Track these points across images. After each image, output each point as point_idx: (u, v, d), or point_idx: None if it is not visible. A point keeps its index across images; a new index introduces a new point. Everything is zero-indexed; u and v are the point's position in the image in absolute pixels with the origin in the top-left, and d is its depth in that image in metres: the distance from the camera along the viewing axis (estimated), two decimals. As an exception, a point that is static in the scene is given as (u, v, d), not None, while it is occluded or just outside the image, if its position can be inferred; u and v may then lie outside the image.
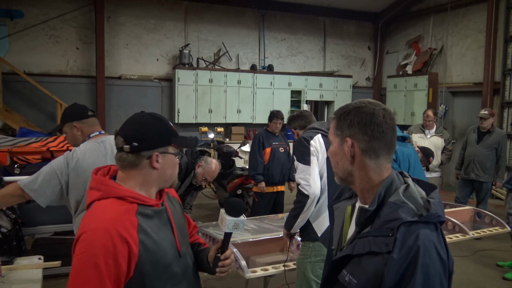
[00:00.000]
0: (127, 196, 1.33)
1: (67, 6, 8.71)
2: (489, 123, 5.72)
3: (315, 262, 2.73)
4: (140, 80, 9.39)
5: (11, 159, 4.51)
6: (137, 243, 1.26)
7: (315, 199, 2.67)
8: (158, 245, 1.33)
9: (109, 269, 1.20)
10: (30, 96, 8.48)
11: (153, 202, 1.39)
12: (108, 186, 1.36)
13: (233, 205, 1.48)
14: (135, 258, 1.26)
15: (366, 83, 12.01)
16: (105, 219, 1.26)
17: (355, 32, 11.68)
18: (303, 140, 2.79)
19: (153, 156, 1.37)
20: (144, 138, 1.36)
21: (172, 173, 1.44)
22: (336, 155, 1.29)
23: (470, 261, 5.02)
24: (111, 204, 1.31)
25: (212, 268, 1.54)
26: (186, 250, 1.50)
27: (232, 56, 10.28)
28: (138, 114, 1.45)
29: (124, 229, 1.25)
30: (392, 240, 1.10)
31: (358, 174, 1.25)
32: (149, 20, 9.49)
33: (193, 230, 1.74)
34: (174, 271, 1.39)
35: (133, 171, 1.38)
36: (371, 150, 1.23)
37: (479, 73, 8.94)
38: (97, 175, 1.40)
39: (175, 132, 1.44)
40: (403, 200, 1.16)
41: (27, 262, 2.68)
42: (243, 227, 1.49)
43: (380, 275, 1.10)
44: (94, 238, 1.23)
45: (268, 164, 5.23)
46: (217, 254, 1.53)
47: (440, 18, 9.94)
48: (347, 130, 1.24)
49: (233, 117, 9.94)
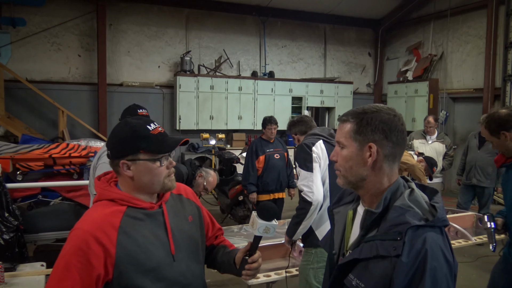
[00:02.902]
0: (117, 199, 1.39)
1: (69, 14, 8.77)
2: None
3: (317, 268, 2.73)
4: (141, 87, 9.42)
5: (13, 166, 4.53)
6: (114, 244, 1.30)
7: (318, 206, 2.67)
8: (141, 247, 1.35)
9: (80, 268, 1.26)
10: (32, 103, 8.52)
11: (145, 205, 1.41)
12: (102, 189, 1.43)
13: (266, 208, 1.46)
14: (112, 259, 1.29)
15: (367, 89, 12.04)
16: (87, 220, 1.35)
17: (355, 39, 11.73)
18: (305, 146, 2.78)
19: (119, 164, 1.39)
20: (113, 147, 1.42)
21: (151, 180, 1.40)
22: (350, 159, 1.27)
23: (472, 267, 5.00)
24: (100, 206, 1.39)
25: (238, 270, 1.54)
26: (186, 256, 1.48)
27: (233, 63, 10.32)
28: (119, 123, 1.49)
29: (101, 231, 1.30)
30: (401, 244, 1.11)
31: (372, 179, 1.25)
32: (151, 28, 9.55)
33: (218, 232, 1.74)
34: (162, 275, 1.38)
35: (119, 177, 1.44)
36: (392, 156, 1.24)
37: (479, 79, 8.96)
38: (100, 180, 1.47)
39: (149, 137, 1.38)
40: (409, 205, 1.17)
41: (30, 269, 2.69)
42: (273, 232, 1.47)
43: (388, 278, 1.12)
44: (71, 238, 1.32)
45: (263, 172, 5.13)
46: (245, 257, 1.52)
47: (440, 24, 9.98)
48: (371, 136, 1.23)
49: (234, 124, 9.96)
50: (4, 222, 3.61)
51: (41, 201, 4.63)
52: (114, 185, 1.46)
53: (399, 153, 1.26)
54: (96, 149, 4.94)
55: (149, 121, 1.44)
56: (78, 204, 4.51)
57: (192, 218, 1.57)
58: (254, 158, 5.14)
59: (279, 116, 7.86)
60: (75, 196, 4.59)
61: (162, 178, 1.42)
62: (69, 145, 5.04)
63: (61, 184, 4.59)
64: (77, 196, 4.60)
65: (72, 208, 4.46)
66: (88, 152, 4.90)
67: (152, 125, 1.42)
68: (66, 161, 4.77)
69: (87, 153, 4.89)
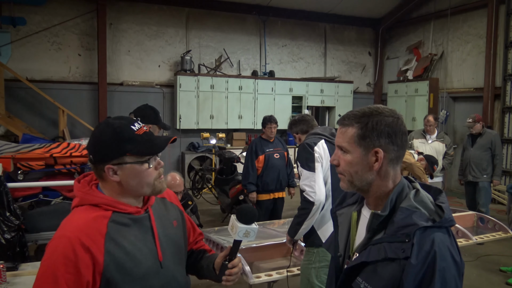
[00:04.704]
0: (101, 203, 1.30)
1: (70, 13, 8.77)
2: (478, 128, 5.96)
3: (319, 268, 2.73)
4: (141, 86, 9.42)
5: (14, 165, 4.52)
6: (102, 252, 1.23)
7: (320, 206, 2.67)
8: (129, 255, 1.28)
9: (69, 278, 1.18)
10: (33, 102, 8.52)
11: (132, 210, 1.34)
12: (84, 193, 1.33)
13: (245, 212, 1.42)
14: (100, 267, 1.23)
15: (367, 89, 12.04)
16: (71, 227, 1.25)
17: (355, 38, 11.73)
18: (306, 146, 2.77)
19: (105, 169, 1.30)
20: (96, 151, 1.32)
21: (140, 183, 1.32)
22: (356, 164, 1.23)
23: (473, 267, 5.00)
24: (83, 212, 1.29)
25: (218, 276, 1.48)
26: (172, 262, 1.42)
27: (234, 62, 10.32)
28: (99, 124, 1.38)
29: (88, 238, 1.22)
30: (409, 246, 1.11)
31: (378, 183, 1.24)
32: (151, 27, 9.54)
33: (198, 237, 1.69)
34: (150, 283, 1.33)
35: (102, 182, 1.35)
36: (396, 159, 1.23)
37: (479, 78, 8.97)
38: (80, 183, 1.37)
39: (135, 139, 1.30)
40: (415, 206, 1.17)
41: (32, 268, 2.69)
42: (254, 236, 1.43)
43: (397, 281, 1.12)
44: (56, 247, 1.22)
45: (262, 171, 5.12)
46: (225, 262, 1.46)
47: (440, 24, 9.98)
48: (377, 141, 1.20)
49: (234, 123, 9.96)
50: (5, 222, 3.61)
51: (42, 201, 4.63)
52: (95, 187, 1.36)
53: (402, 155, 1.25)
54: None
55: (132, 121, 1.35)
56: (79, 203, 4.50)
57: (176, 222, 1.51)
58: (253, 157, 5.14)
59: (279, 115, 7.88)
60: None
61: (152, 180, 1.34)
62: (70, 145, 5.03)
63: (62, 183, 4.59)
64: (78, 195, 4.59)
65: (73, 208, 4.46)
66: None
67: (136, 125, 1.34)
68: (67, 160, 4.76)
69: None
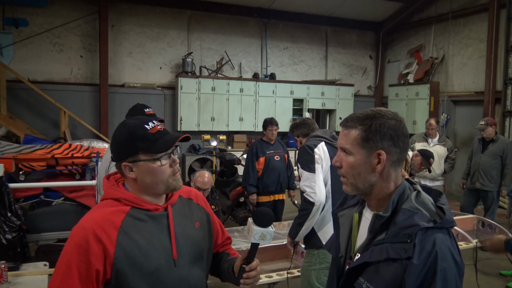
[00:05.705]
0: (122, 198, 1.38)
1: (72, 15, 8.80)
2: (489, 132, 5.67)
3: (320, 270, 2.74)
4: (143, 88, 9.44)
5: (16, 166, 4.54)
6: (114, 244, 1.28)
7: (321, 206, 2.68)
8: (141, 250, 1.32)
9: (80, 265, 1.25)
10: (34, 103, 8.54)
11: (150, 207, 1.39)
12: (109, 187, 1.42)
13: (262, 214, 1.42)
14: (111, 258, 1.28)
15: (368, 92, 12.06)
16: (89, 218, 1.33)
17: (356, 41, 11.75)
18: (307, 148, 2.80)
19: (121, 167, 1.38)
20: (114, 150, 1.41)
21: (154, 180, 1.37)
22: (358, 167, 1.24)
23: (473, 270, 4.99)
24: (104, 205, 1.38)
25: (237, 279, 1.49)
26: (188, 262, 1.43)
27: (235, 64, 10.34)
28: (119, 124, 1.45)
29: (101, 230, 1.29)
30: (411, 246, 1.12)
31: (380, 185, 1.25)
32: (153, 29, 9.57)
33: (226, 241, 1.71)
34: (160, 280, 1.35)
35: (125, 179, 1.43)
36: (398, 161, 1.25)
37: (480, 82, 8.98)
38: (108, 179, 1.46)
39: (147, 137, 1.35)
40: (416, 207, 1.18)
41: (33, 268, 2.71)
42: (270, 239, 1.43)
43: (399, 281, 1.13)
44: (73, 235, 1.31)
45: (263, 173, 5.13)
46: (243, 265, 1.47)
47: (441, 27, 10.01)
48: (380, 143, 1.22)
49: (235, 125, 9.97)
50: (6, 222, 3.63)
51: (43, 201, 4.65)
52: (122, 185, 1.44)
53: (403, 158, 1.27)
54: (99, 149, 4.95)
55: (147, 120, 1.40)
56: (80, 204, 4.53)
57: (199, 224, 1.52)
58: (254, 159, 5.15)
59: (280, 118, 7.89)
60: (77, 197, 4.61)
61: (166, 178, 1.38)
62: (71, 146, 5.06)
63: (63, 184, 4.61)
64: (79, 196, 4.61)
65: (74, 209, 4.48)
66: (90, 153, 4.91)
67: (151, 124, 1.38)
68: (69, 161, 4.78)
69: (90, 153, 4.90)
